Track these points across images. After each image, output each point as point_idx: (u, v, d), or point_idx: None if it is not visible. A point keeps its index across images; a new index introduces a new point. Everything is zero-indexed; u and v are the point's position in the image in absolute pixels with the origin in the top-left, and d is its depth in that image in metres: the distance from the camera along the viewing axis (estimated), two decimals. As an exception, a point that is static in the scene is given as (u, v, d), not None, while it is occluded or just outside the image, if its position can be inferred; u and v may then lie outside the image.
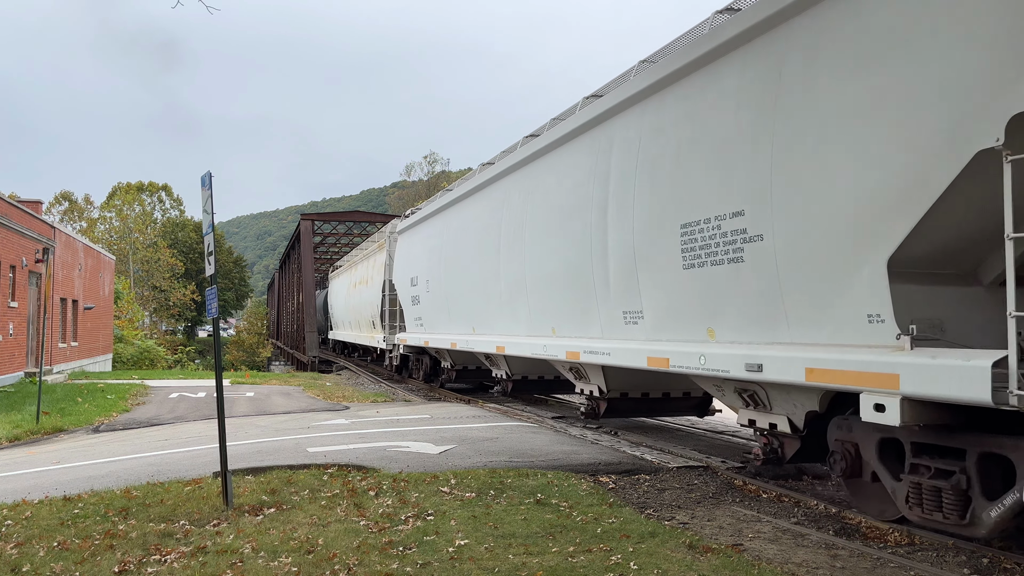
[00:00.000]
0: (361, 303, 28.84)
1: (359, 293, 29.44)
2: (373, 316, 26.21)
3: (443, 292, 17.08)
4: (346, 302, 33.61)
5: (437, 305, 17.66)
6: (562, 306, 11.46)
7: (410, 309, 20.09)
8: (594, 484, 8.04)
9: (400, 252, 21.30)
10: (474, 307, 15.29)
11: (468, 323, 15.71)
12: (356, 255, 33.36)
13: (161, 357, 46.13)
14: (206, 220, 7.51)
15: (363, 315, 28.69)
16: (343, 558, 5.58)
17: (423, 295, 18.56)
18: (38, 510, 7.17)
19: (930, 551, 6.07)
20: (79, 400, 18.65)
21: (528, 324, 12.77)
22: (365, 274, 28.34)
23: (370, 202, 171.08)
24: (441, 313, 17.40)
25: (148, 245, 72.07)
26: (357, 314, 30.40)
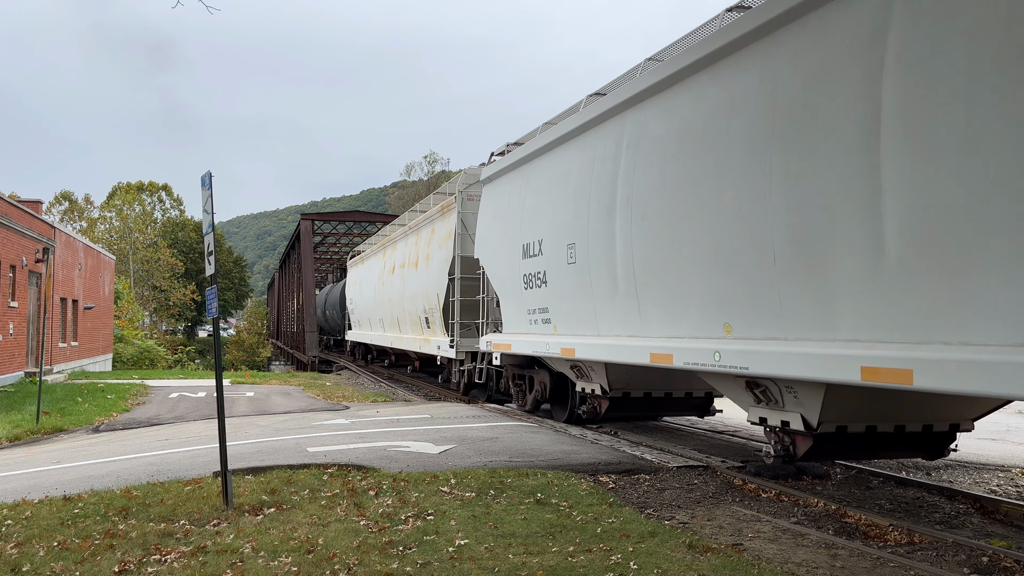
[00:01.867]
0: (404, 294, 21.66)
1: (401, 281, 22.20)
2: (427, 311, 19.17)
3: (605, 262, 10.01)
4: (377, 294, 25.81)
5: (592, 286, 10.45)
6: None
7: (519, 297, 12.78)
8: (594, 484, 8.04)
9: (488, 212, 14.29)
10: (687, 288, 8.50)
11: (668, 314, 8.94)
12: (393, 231, 25.33)
13: (161, 357, 46.16)
14: (206, 220, 7.51)
15: (407, 310, 21.45)
16: (343, 558, 5.58)
17: (556, 270, 11.39)
18: (38, 510, 7.17)
19: (930, 551, 6.07)
20: (79, 400, 18.65)
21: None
22: (412, 254, 21.18)
23: (370, 202, 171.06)
24: (603, 300, 10.24)
25: (148, 245, 72.09)
26: (396, 308, 22.85)
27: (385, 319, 24.94)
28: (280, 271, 64.73)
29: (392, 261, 23.72)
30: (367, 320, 28.62)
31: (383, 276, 24.86)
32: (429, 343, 19.13)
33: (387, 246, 25.10)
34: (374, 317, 26.91)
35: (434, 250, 18.62)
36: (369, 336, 28.79)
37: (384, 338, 25.61)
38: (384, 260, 25.09)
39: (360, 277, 30.20)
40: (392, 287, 23.32)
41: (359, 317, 30.40)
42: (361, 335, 30.62)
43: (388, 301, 23.87)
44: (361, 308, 29.67)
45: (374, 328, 27.32)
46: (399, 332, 23.05)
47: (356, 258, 32.29)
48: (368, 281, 27.92)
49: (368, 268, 28.35)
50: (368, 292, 27.83)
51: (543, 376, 13.58)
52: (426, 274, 19.14)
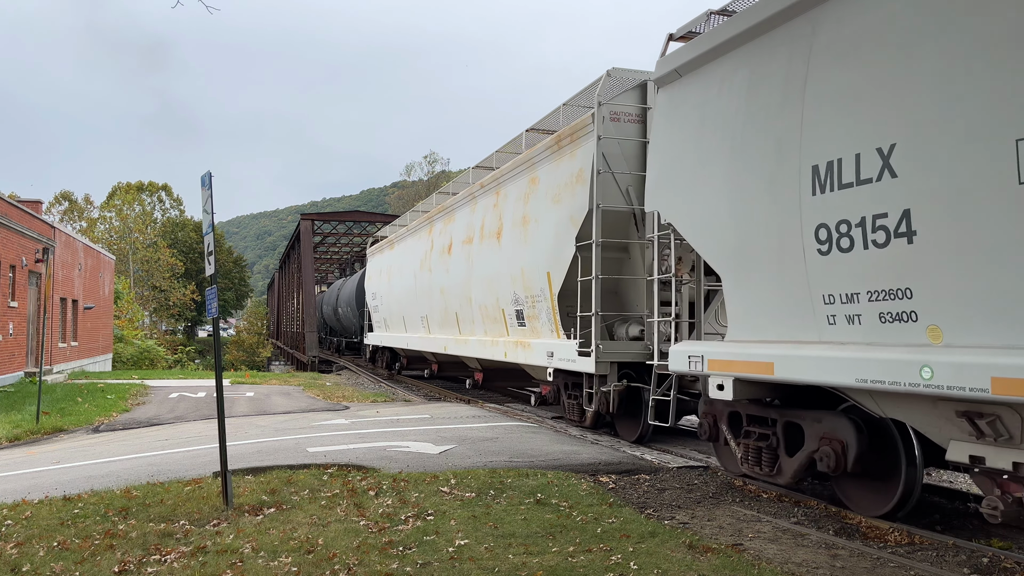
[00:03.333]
0: (474, 278, 15.65)
1: (465, 261, 16.17)
2: (523, 300, 13.31)
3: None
4: (417, 284, 19.98)
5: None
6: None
7: (796, 270, 6.68)
8: (594, 484, 8.03)
9: (690, 122, 8.25)
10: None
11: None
12: (443, 199, 19.18)
13: (161, 357, 46.16)
14: (206, 220, 7.51)
15: (479, 301, 15.40)
16: (343, 558, 5.57)
17: (956, 203, 5.31)
18: (38, 510, 7.17)
19: (930, 551, 6.07)
20: (79, 400, 18.64)
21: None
22: (489, 220, 15.02)
23: (370, 202, 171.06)
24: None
25: (148, 245, 72.09)
26: (457, 300, 16.79)
27: (432, 316, 18.98)
28: (280, 271, 64.70)
29: (446, 238, 17.70)
30: (398, 319, 22.84)
31: (429, 260, 19.06)
32: (529, 348, 12.88)
33: (435, 219, 19.04)
34: (411, 314, 21.13)
35: (542, 207, 12.48)
36: (402, 339, 22.59)
37: (430, 341, 19.40)
38: (431, 238, 19.21)
39: (387, 266, 24.24)
40: (448, 272, 17.28)
41: (385, 315, 24.61)
42: (388, 338, 24.49)
43: (440, 291, 17.99)
44: (389, 304, 23.79)
45: (411, 328, 21.49)
46: (459, 333, 17.02)
47: (380, 244, 26.46)
48: (401, 269, 22.19)
49: (401, 254, 22.65)
50: (401, 283, 22.02)
51: (836, 429, 7.05)
52: (522, 246, 13.07)
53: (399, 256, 22.99)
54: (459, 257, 16.67)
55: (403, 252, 22.51)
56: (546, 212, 12.38)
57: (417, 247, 20.67)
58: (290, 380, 25.85)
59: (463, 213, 16.88)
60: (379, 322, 25.93)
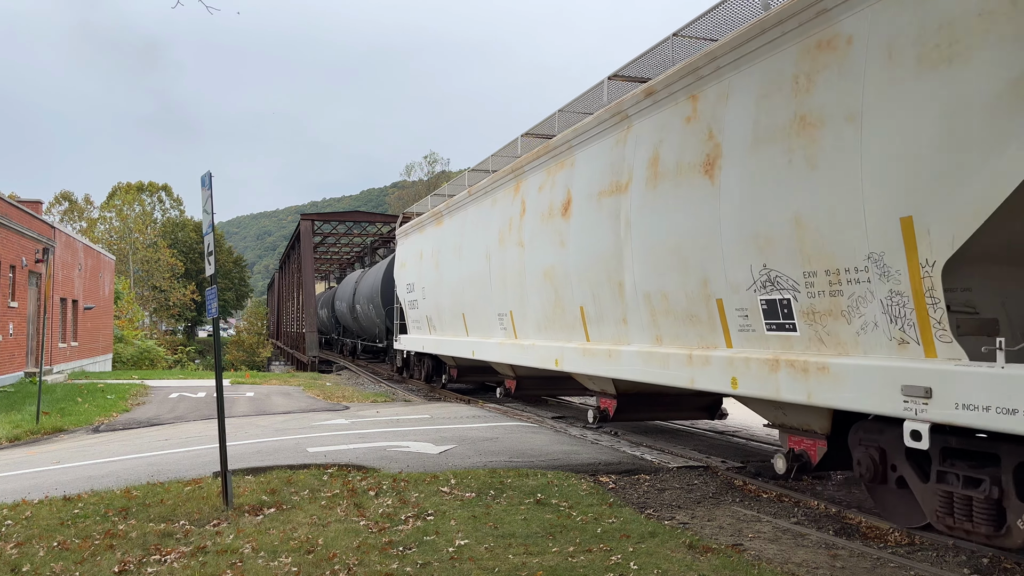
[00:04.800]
0: (626, 249, 9.63)
1: (609, 220, 10.01)
2: (810, 275, 6.77)
3: None
4: (494, 268, 14.19)
5: None
6: None
7: None
8: (594, 484, 8.03)
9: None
10: None
11: None
12: (580, 133, 11.15)
13: (161, 357, 46.17)
14: (206, 220, 7.51)
15: (656, 281, 9.06)
16: (343, 558, 5.57)
17: None
18: (38, 510, 7.17)
19: (930, 551, 6.07)
20: (79, 400, 18.64)
21: None
22: (694, 143, 8.31)
23: (370, 202, 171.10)
24: None
25: (148, 245, 72.11)
26: (586, 287, 10.81)
27: (525, 313, 12.92)
28: (280, 271, 64.70)
29: (558, 193, 11.55)
30: (453, 317, 16.90)
31: (518, 231, 12.97)
32: (832, 377, 6.52)
33: (530, 171, 12.69)
34: (479, 311, 15.15)
35: (874, 90, 6.05)
36: (461, 346, 16.40)
37: (523, 351, 13.05)
38: (520, 200, 13.01)
39: (433, 248, 18.29)
40: (563, 245, 11.31)
41: (429, 312, 18.62)
42: (435, 343, 18.44)
43: (543, 275, 11.93)
44: (438, 298, 17.78)
45: (479, 330, 15.44)
46: (585, 339, 11.01)
47: (419, 220, 19.87)
48: (459, 250, 16.18)
49: (456, 229, 16.59)
50: (460, 269, 16.04)
51: None
52: (796, 177, 6.85)
53: (453, 233, 16.86)
54: (590, 218, 10.43)
55: (461, 227, 16.34)
56: (895, 97, 5.86)
57: (490, 217, 14.40)
58: (290, 380, 25.85)
59: (595, 152, 10.47)
60: (418, 321, 19.95)
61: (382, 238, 50.21)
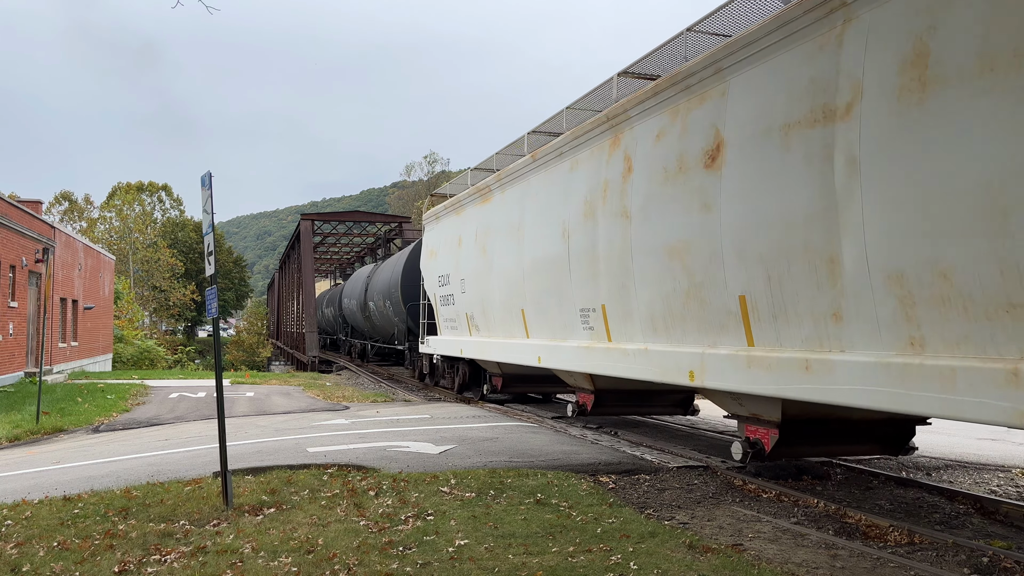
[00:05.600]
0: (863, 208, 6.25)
1: (826, 163, 6.60)
2: None
3: None
4: (576, 249, 10.99)
5: None
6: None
7: None
8: (594, 484, 8.04)
9: None
10: None
11: None
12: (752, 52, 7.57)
13: (161, 357, 46.17)
14: (206, 220, 7.51)
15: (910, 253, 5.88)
16: (343, 558, 5.57)
17: None
18: (38, 510, 7.17)
19: (930, 551, 6.07)
20: (79, 400, 18.65)
21: None
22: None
23: (370, 202, 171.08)
24: None
25: (148, 245, 72.11)
26: (729, 270, 7.77)
27: (638, 306, 9.57)
28: (280, 271, 64.69)
29: (702, 139, 8.27)
30: (507, 314, 13.72)
31: (620, 197, 9.83)
32: None
33: (638, 118, 9.57)
34: (554, 305, 11.93)
35: None
36: (519, 350, 13.31)
37: (626, 361, 9.88)
38: (622, 156, 9.87)
39: (476, 231, 15.21)
40: (712, 208, 8.05)
41: (469, 309, 15.65)
42: (480, 346, 15.33)
43: (665, 252, 8.88)
44: (483, 292, 14.76)
45: (543, 331, 12.49)
46: (748, 344, 7.76)
47: (456, 200, 16.65)
48: (518, 232, 13.07)
49: (513, 206, 13.41)
50: (520, 255, 12.96)
51: None
52: None
53: (507, 210, 13.63)
54: (764, 165, 7.40)
55: (519, 201, 13.09)
56: None
57: (568, 184, 11.22)
58: (290, 380, 25.86)
59: (771, 71, 7.36)
60: (452, 320, 16.98)
61: (382, 238, 50.19)
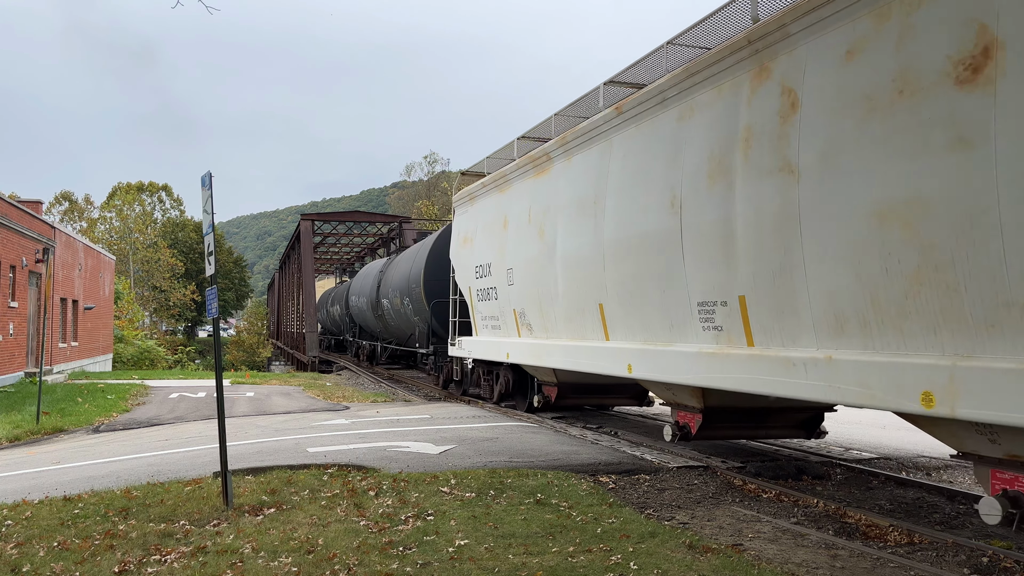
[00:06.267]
0: None
1: None
2: None
3: None
4: (796, 200, 6.64)
5: None
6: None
7: None
8: (594, 484, 8.04)
9: None
10: None
11: None
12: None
13: (161, 357, 46.19)
14: (206, 220, 7.52)
15: None
16: (343, 558, 5.58)
17: None
18: (38, 510, 7.17)
19: (930, 551, 6.07)
20: (79, 400, 18.65)
21: None
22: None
23: (370, 202, 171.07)
24: None
25: (148, 245, 72.14)
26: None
27: (807, 299, 6.66)
28: (280, 271, 64.70)
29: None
30: (575, 311, 11.06)
31: (812, 136, 6.53)
32: None
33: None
34: (652, 298, 9.09)
35: None
36: (605, 356, 10.22)
37: (789, 375, 6.86)
38: (774, 85, 7.04)
39: (534, 207, 12.27)
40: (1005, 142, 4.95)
41: (521, 304, 12.86)
42: (535, 349, 12.46)
43: (882, 216, 5.84)
44: (546, 283, 11.87)
45: (639, 331, 9.50)
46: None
47: (502, 173, 13.70)
48: (619, 199, 9.76)
49: (588, 170, 10.65)
50: (600, 235, 10.16)
51: None
52: None
53: (575, 181, 11.00)
54: None
55: (596, 168, 10.37)
56: None
57: (677, 140, 8.52)
58: (290, 380, 25.86)
59: None
60: (493, 318, 14.43)
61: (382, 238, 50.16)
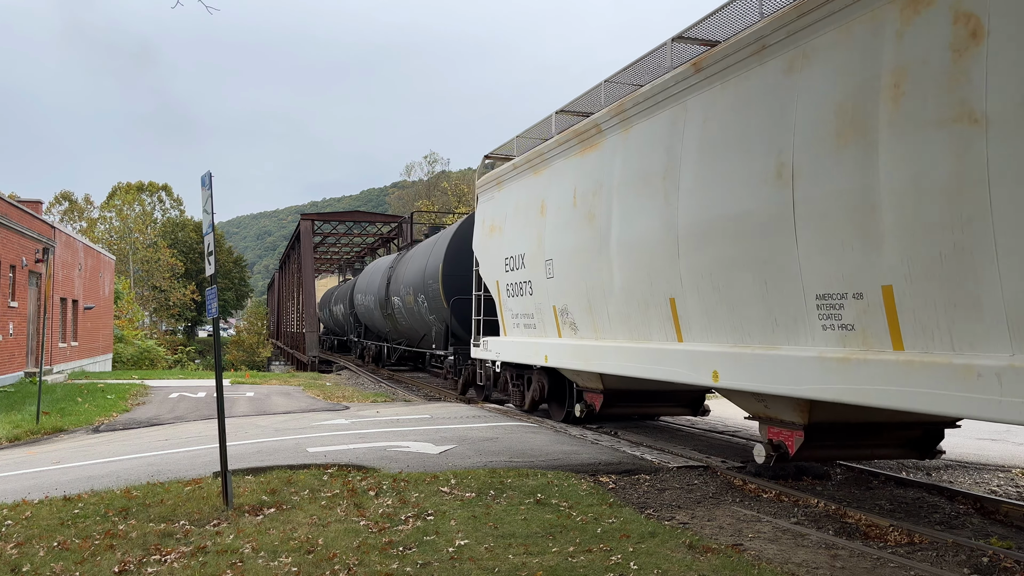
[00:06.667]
0: None
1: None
2: None
3: None
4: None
5: None
6: None
7: None
8: (594, 484, 8.03)
9: None
10: None
11: None
12: None
13: (161, 357, 46.20)
14: (206, 220, 7.51)
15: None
16: (343, 558, 5.58)
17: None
18: (38, 510, 7.17)
19: (930, 551, 6.07)
20: (79, 400, 18.65)
21: None
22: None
23: (370, 202, 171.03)
24: None
25: (148, 245, 72.16)
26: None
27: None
28: (280, 271, 64.72)
29: None
30: (635, 307, 9.50)
31: None
32: None
33: None
34: (744, 293, 7.50)
35: None
36: (674, 360, 8.81)
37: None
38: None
39: (581, 188, 10.71)
40: None
41: (563, 300, 11.42)
42: (579, 352, 11.09)
43: None
44: (597, 275, 10.27)
45: (725, 331, 7.89)
46: None
47: (539, 152, 12.15)
48: (700, 168, 8.06)
49: (647, 142, 9.10)
50: (684, 213, 8.27)
51: None
52: None
53: (630, 156, 9.49)
54: None
55: (664, 138, 8.75)
56: None
57: (793, 94, 6.79)
58: (290, 380, 25.86)
59: None
60: (526, 316, 12.83)
61: (382, 238, 50.13)
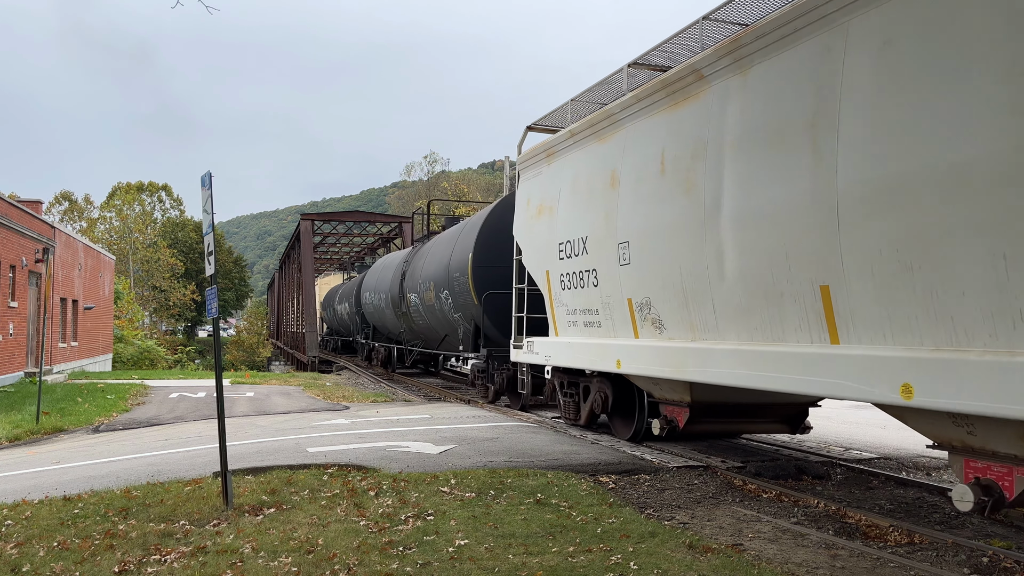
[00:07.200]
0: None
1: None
2: None
3: None
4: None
5: None
6: None
7: None
8: (594, 484, 8.04)
9: None
10: None
11: None
12: None
13: (161, 357, 46.19)
14: (206, 220, 7.51)
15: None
16: (343, 558, 5.58)
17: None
18: (38, 510, 7.17)
19: (930, 551, 6.07)
20: (79, 400, 18.64)
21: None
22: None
23: (370, 202, 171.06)
24: None
25: (148, 245, 72.15)
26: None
27: None
28: (280, 271, 64.72)
29: None
30: (760, 296, 7.17)
31: None
32: None
33: None
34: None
35: None
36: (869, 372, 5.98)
37: None
38: None
39: (673, 153, 8.29)
40: None
41: (644, 293, 9.11)
42: (674, 356, 8.56)
43: None
44: (699, 255, 7.90)
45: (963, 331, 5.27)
46: None
47: (608, 113, 9.74)
48: (852, 118, 5.98)
49: (778, 90, 6.78)
50: (831, 181, 6.13)
51: None
52: None
53: (769, 101, 6.97)
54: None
55: (816, 78, 6.34)
56: None
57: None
58: (290, 380, 25.85)
59: None
60: (587, 311, 10.80)
61: (383, 238, 50.12)
